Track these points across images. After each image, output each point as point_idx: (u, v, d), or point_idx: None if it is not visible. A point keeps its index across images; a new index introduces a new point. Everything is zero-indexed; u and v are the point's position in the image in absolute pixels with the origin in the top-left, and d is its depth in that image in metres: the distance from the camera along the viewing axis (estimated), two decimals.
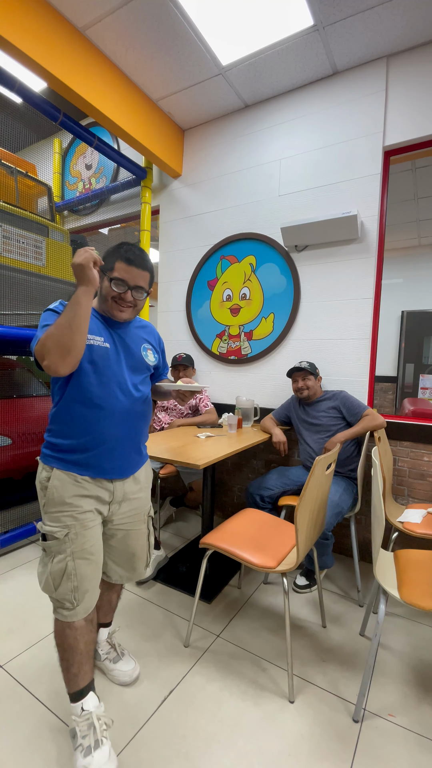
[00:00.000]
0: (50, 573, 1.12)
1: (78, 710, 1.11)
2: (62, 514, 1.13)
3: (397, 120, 2.11)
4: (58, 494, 1.13)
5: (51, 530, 1.12)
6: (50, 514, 1.13)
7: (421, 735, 1.20)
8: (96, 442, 1.15)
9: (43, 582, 1.15)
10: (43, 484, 1.15)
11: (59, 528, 1.12)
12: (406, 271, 4.36)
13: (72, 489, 1.14)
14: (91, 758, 1.05)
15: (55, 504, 1.13)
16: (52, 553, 1.13)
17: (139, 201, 3.01)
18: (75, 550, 1.13)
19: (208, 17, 1.93)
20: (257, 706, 1.29)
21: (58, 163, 3.62)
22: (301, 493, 1.25)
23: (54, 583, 1.12)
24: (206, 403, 2.57)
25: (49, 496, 1.13)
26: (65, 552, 1.12)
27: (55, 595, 1.13)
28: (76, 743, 1.09)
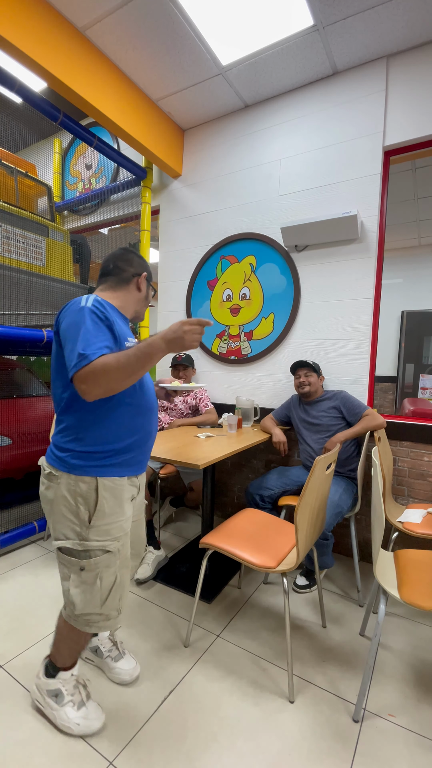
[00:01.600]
0: (100, 590, 1.08)
1: (68, 675, 1.20)
2: (112, 526, 1.10)
3: (397, 120, 2.11)
4: (109, 504, 1.09)
5: (102, 545, 1.08)
6: (98, 527, 1.07)
7: (421, 735, 1.20)
8: (143, 439, 1.16)
9: (85, 602, 1.09)
10: (87, 498, 1.07)
11: (110, 541, 1.09)
12: (406, 271, 4.36)
13: (119, 495, 1.12)
14: (86, 710, 1.18)
15: (105, 516, 1.08)
16: (98, 569, 1.08)
17: (139, 201, 3.01)
18: (122, 560, 1.12)
19: (208, 17, 1.93)
20: (257, 706, 1.29)
21: (58, 163, 3.62)
22: (301, 493, 1.25)
23: (102, 598, 1.09)
24: (206, 403, 2.57)
25: (100, 508, 1.07)
26: (115, 564, 1.10)
27: (100, 610, 1.10)
28: (63, 701, 1.18)
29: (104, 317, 1.05)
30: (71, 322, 1.02)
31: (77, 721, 1.16)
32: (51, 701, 1.20)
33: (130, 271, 1.23)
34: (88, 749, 1.13)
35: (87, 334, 0.98)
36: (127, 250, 1.27)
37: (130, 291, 1.24)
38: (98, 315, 1.04)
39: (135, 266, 1.25)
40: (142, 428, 1.16)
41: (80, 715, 1.17)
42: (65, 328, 1.02)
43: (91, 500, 1.07)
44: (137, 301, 1.26)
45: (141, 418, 1.15)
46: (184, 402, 2.58)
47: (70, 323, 1.02)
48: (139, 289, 1.25)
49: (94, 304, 1.05)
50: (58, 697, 1.19)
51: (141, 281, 1.25)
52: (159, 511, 2.58)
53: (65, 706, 1.18)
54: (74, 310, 1.04)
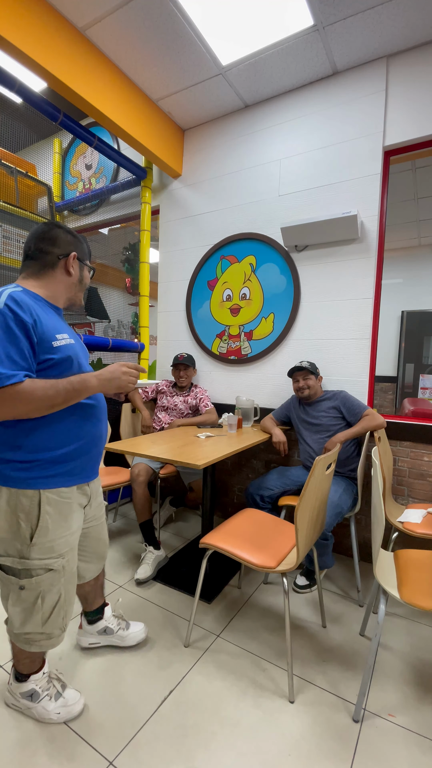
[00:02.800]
0: (41, 609, 1.02)
1: (39, 675, 1.19)
2: (56, 542, 1.02)
3: (397, 120, 2.11)
4: (53, 520, 1.00)
5: (45, 564, 1.00)
6: (40, 545, 0.99)
7: (421, 735, 1.20)
8: (91, 444, 1.08)
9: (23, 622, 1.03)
10: (29, 513, 0.98)
11: (54, 558, 1.01)
12: (406, 271, 4.36)
13: (64, 508, 1.03)
14: (64, 699, 1.18)
15: (49, 532, 1.00)
16: (38, 588, 1.01)
17: (139, 201, 3.02)
18: (67, 577, 1.06)
19: (208, 17, 1.93)
20: (257, 706, 1.29)
21: (58, 163, 3.62)
22: (301, 493, 1.25)
23: (43, 618, 1.03)
24: (206, 403, 2.57)
25: (43, 525, 0.99)
26: (59, 583, 1.03)
27: (41, 629, 1.05)
28: (38, 697, 1.17)
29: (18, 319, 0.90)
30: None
31: (57, 711, 1.17)
32: (26, 702, 1.19)
33: (54, 252, 1.05)
34: (88, 749, 1.13)
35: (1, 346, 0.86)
36: (50, 226, 1.07)
37: (56, 276, 1.07)
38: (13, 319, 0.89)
39: (60, 246, 1.06)
40: (90, 433, 1.06)
41: (59, 705, 1.18)
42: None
43: (33, 516, 0.98)
44: (68, 287, 1.10)
45: (88, 422, 1.06)
46: (184, 402, 2.58)
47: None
48: (68, 273, 1.08)
49: (6, 302, 0.90)
50: (33, 696, 1.19)
51: (70, 263, 1.07)
52: (159, 511, 2.58)
53: (42, 701, 1.18)
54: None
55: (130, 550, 2.30)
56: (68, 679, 1.35)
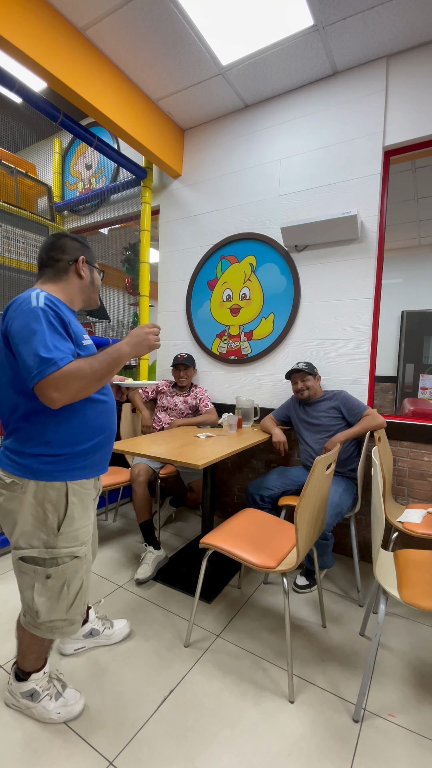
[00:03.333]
0: (67, 596, 1.08)
1: (40, 675, 1.20)
2: (80, 531, 1.09)
3: (397, 120, 2.11)
4: (77, 510, 1.07)
5: (71, 551, 1.07)
6: (67, 534, 1.06)
7: (421, 735, 1.20)
8: (108, 437, 1.15)
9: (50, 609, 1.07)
10: (56, 504, 1.04)
11: (78, 546, 1.08)
12: (406, 271, 4.36)
13: (86, 499, 1.10)
14: (64, 699, 1.19)
15: (75, 521, 1.07)
16: (64, 576, 1.07)
17: (139, 201, 3.02)
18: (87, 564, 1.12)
19: (208, 17, 1.93)
20: (257, 706, 1.29)
21: (58, 163, 3.62)
22: (301, 493, 1.25)
23: (68, 604, 1.09)
24: (206, 403, 2.57)
25: (69, 514, 1.05)
26: (82, 569, 1.10)
27: (65, 615, 1.10)
28: (38, 697, 1.18)
29: (59, 317, 0.99)
30: (24, 323, 0.94)
31: (57, 710, 1.18)
32: (26, 701, 1.20)
33: (65, 258, 1.14)
34: (88, 749, 1.13)
35: (46, 337, 0.93)
36: (58, 236, 1.16)
37: (71, 281, 1.15)
38: (52, 315, 0.98)
39: (69, 252, 1.15)
40: (108, 427, 1.14)
41: (59, 705, 1.19)
42: (18, 330, 0.94)
43: (61, 507, 1.05)
44: (82, 289, 1.18)
45: (105, 417, 1.13)
46: (184, 402, 2.58)
47: (22, 325, 0.94)
48: (80, 276, 1.16)
49: (46, 303, 0.98)
50: (34, 695, 1.19)
51: (80, 267, 1.15)
52: (159, 511, 2.58)
53: (42, 701, 1.19)
54: (25, 310, 0.96)
55: (130, 550, 2.30)
56: (68, 680, 1.35)
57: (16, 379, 0.99)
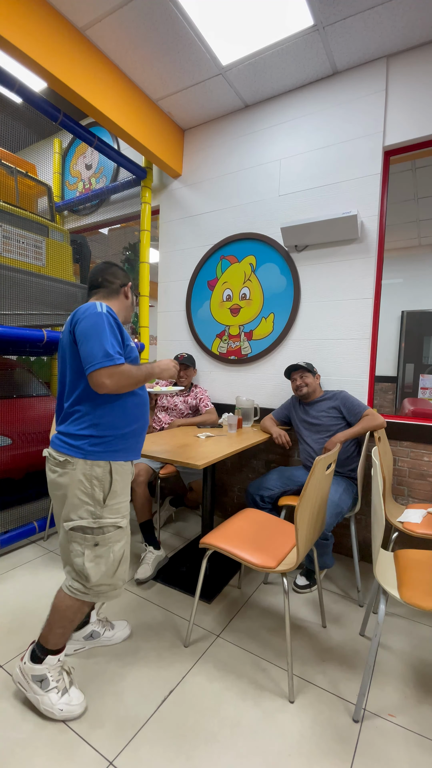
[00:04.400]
0: (113, 561, 1.23)
1: (55, 660, 1.24)
2: (122, 505, 1.25)
3: (397, 120, 2.11)
4: (120, 486, 1.24)
5: (115, 521, 1.23)
6: (111, 506, 1.22)
7: (421, 735, 1.20)
8: (142, 426, 1.33)
9: (99, 573, 1.22)
10: (102, 480, 1.21)
11: (121, 518, 1.25)
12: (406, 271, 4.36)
13: (126, 477, 1.28)
14: (69, 696, 1.23)
15: (117, 495, 1.23)
16: (109, 543, 1.23)
17: (139, 201, 3.01)
18: (127, 535, 1.28)
19: (208, 17, 1.93)
20: (257, 706, 1.29)
21: (58, 163, 3.62)
22: (301, 493, 1.25)
23: (113, 569, 1.24)
24: (206, 403, 2.57)
25: (114, 489, 1.22)
26: (124, 538, 1.26)
27: (111, 580, 1.24)
28: (48, 686, 1.22)
29: (117, 324, 1.22)
30: (92, 323, 1.17)
31: (60, 707, 1.20)
32: (35, 686, 1.22)
33: (117, 282, 1.40)
34: (88, 749, 1.13)
35: (109, 338, 1.17)
36: (110, 264, 1.43)
37: (120, 300, 1.40)
38: (113, 322, 1.20)
39: (120, 278, 1.41)
40: (143, 416, 1.33)
41: (63, 702, 1.21)
42: (85, 328, 1.16)
43: (106, 482, 1.21)
44: (126, 309, 1.43)
45: (141, 408, 1.32)
46: (184, 402, 2.58)
47: (90, 324, 1.16)
48: (126, 297, 1.42)
49: (108, 311, 1.21)
50: (43, 682, 1.22)
51: (128, 290, 1.42)
52: (159, 511, 2.58)
53: (50, 692, 1.21)
54: (93, 313, 1.18)
55: (130, 549, 2.30)
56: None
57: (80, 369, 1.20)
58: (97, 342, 1.14)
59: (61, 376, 1.28)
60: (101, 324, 1.17)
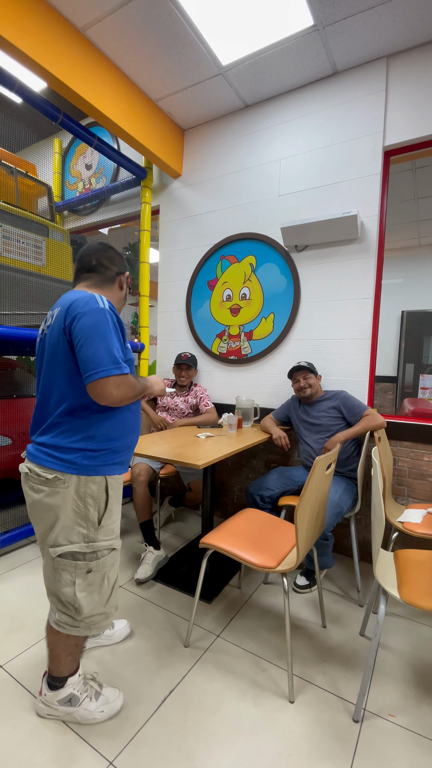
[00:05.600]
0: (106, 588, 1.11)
1: (75, 678, 1.20)
2: (115, 525, 1.13)
3: (397, 120, 2.11)
4: (114, 504, 1.12)
5: (109, 544, 1.10)
6: (106, 527, 1.09)
7: (421, 735, 1.20)
8: (136, 437, 1.22)
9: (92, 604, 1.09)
10: (97, 498, 1.07)
11: (115, 539, 1.12)
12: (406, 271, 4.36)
13: (119, 493, 1.16)
14: (104, 697, 1.20)
15: (113, 514, 1.11)
16: (104, 569, 1.10)
17: (139, 201, 3.01)
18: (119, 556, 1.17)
19: (208, 17, 1.93)
20: (257, 706, 1.29)
21: (58, 163, 3.62)
22: (301, 493, 1.25)
23: (106, 596, 1.12)
24: (206, 403, 2.57)
25: (109, 507, 1.09)
26: (117, 561, 1.14)
27: (104, 609, 1.12)
28: (78, 701, 1.18)
29: (120, 323, 1.07)
30: (95, 321, 1.00)
31: (100, 709, 1.18)
32: (66, 708, 1.18)
33: (113, 269, 1.21)
34: (88, 749, 1.13)
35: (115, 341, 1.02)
36: (106, 246, 1.23)
37: (113, 290, 1.22)
38: (115, 320, 1.06)
39: (118, 264, 1.23)
40: (137, 428, 1.22)
41: (101, 703, 1.19)
42: (87, 327, 0.99)
43: (102, 500, 1.08)
44: (119, 300, 1.25)
45: (135, 418, 1.20)
46: (185, 401, 2.58)
47: (93, 323, 1.00)
48: (121, 288, 1.25)
49: (110, 307, 1.06)
50: (72, 700, 1.18)
51: (123, 280, 1.24)
52: (159, 511, 2.58)
53: (83, 703, 1.18)
54: (95, 309, 1.01)
55: (130, 550, 2.30)
56: None
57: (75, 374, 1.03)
58: (103, 345, 0.98)
59: (44, 380, 1.10)
60: (105, 323, 1.00)
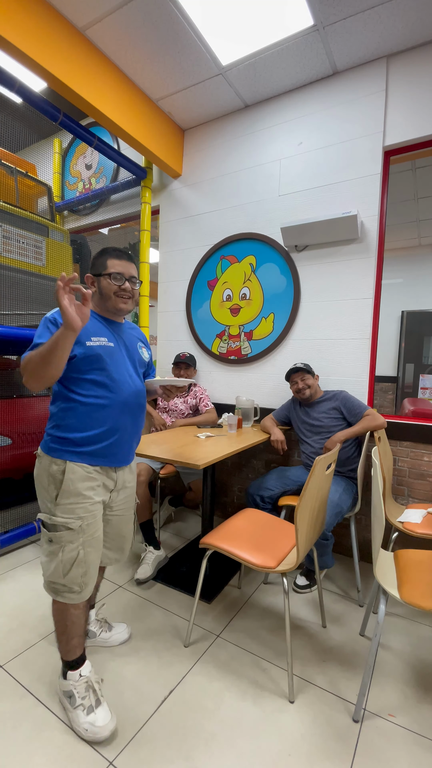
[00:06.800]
0: (62, 561, 1.18)
1: (76, 676, 1.23)
2: (77, 506, 1.19)
3: (397, 120, 2.11)
4: (74, 486, 1.18)
5: (65, 521, 1.17)
6: (63, 505, 1.18)
7: (421, 735, 1.20)
8: (110, 432, 1.23)
9: (50, 570, 1.19)
10: (55, 477, 1.18)
11: (73, 519, 1.18)
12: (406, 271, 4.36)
13: (86, 481, 1.20)
14: (95, 715, 1.18)
15: (70, 495, 1.18)
16: (61, 543, 1.18)
17: (139, 201, 3.01)
18: (86, 539, 1.21)
19: (208, 17, 1.93)
20: (257, 706, 1.29)
21: (58, 163, 3.62)
22: (301, 493, 1.25)
23: (64, 570, 1.19)
24: (206, 403, 2.57)
25: (65, 488, 1.17)
26: (77, 541, 1.19)
27: (63, 581, 1.19)
28: (75, 703, 1.20)
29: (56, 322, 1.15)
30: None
31: (85, 726, 1.16)
32: (66, 701, 1.23)
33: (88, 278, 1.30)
34: (88, 749, 1.13)
35: (34, 340, 1.14)
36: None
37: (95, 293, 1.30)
38: (51, 321, 1.16)
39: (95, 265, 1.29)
40: (107, 422, 1.22)
41: (88, 721, 1.16)
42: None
43: (58, 481, 1.18)
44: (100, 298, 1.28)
45: (105, 412, 1.22)
46: (184, 402, 2.58)
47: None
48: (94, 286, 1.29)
49: (54, 313, 1.18)
50: (71, 698, 1.21)
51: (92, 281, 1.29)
52: (159, 511, 2.58)
53: (77, 709, 1.19)
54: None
55: (131, 550, 2.30)
56: None
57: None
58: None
59: None
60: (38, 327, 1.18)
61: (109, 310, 1.29)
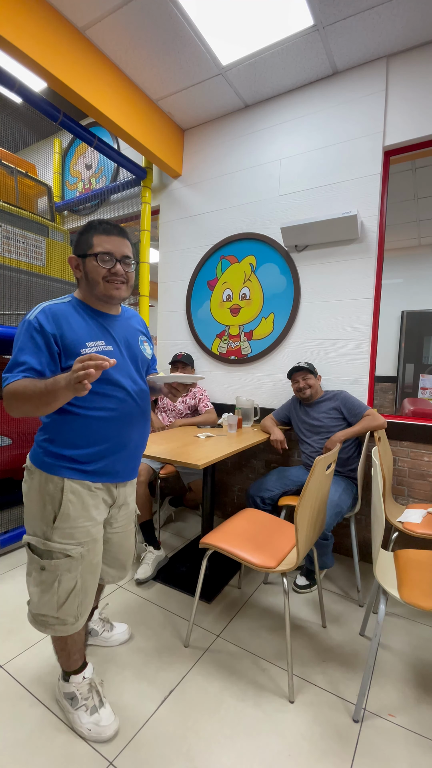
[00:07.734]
0: (57, 593, 1.05)
1: (80, 678, 1.20)
2: (77, 530, 1.06)
3: (397, 120, 2.11)
4: (74, 509, 1.05)
5: (63, 548, 1.04)
6: (62, 529, 1.04)
7: (421, 735, 1.20)
8: (115, 448, 1.11)
9: (41, 602, 1.06)
10: (53, 497, 1.04)
11: (73, 545, 1.05)
12: (406, 271, 4.36)
13: (88, 500, 1.08)
14: (98, 716, 1.16)
15: (70, 519, 1.04)
16: (57, 572, 1.05)
17: (139, 201, 3.01)
18: (85, 566, 1.08)
19: (208, 17, 1.93)
20: (257, 706, 1.29)
21: (58, 163, 3.62)
22: (301, 493, 1.25)
23: (59, 602, 1.06)
24: (206, 403, 2.57)
25: (64, 511, 1.03)
26: (76, 570, 1.07)
27: (56, 614, 1.07)
28: (77, 704, 1.18)
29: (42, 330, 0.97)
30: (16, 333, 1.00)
31: (89, 726, 1.15)
32: (67, 703, 1.21)
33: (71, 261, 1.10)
34: (88, 749, 1.13)
35: (17, 351, 0.97)
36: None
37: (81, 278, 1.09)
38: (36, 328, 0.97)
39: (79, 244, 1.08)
40: (112, 438, 1.09)
41: (92, 721, 1.15)
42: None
43: (57, 501, 1.04)
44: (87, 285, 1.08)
45: (110, 427, 1.08)
46: (183, 402, 2.58)
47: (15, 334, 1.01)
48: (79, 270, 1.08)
49: (37, 315, 0.99)
50: (73, 700, 1.19)
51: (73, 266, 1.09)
52: (159, 511, 2.58)
53: (79, 710, 1.18)
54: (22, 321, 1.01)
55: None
56: None
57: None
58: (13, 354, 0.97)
59: None
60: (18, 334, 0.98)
61: (100, 299, 1.08)
